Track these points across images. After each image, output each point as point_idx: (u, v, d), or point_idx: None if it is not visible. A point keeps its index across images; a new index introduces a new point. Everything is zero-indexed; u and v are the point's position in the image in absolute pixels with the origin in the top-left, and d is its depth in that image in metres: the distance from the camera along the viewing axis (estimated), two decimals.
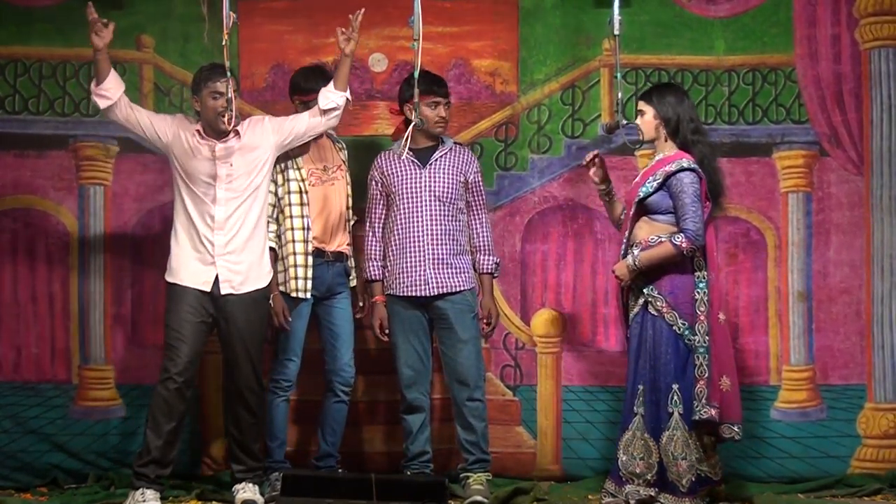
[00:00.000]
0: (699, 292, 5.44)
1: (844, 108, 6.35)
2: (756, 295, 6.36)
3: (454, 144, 5.93)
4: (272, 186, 5.72)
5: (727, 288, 6.24)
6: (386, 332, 5.86)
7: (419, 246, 5.76)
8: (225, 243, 5.52)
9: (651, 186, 5.49)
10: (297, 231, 5.77)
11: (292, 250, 5.75)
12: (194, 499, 5.82)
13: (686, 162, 5.47)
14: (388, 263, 5.85)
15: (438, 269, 5.76)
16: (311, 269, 5.76)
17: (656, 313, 5.47)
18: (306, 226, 5.77)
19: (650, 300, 5.48)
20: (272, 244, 5.73)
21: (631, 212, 5.56)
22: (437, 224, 5.78)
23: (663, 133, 5.57)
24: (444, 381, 5.97)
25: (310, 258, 5.77)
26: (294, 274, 5.75)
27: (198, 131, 5.55)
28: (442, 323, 5.80)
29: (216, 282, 5.52)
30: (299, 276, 5.75)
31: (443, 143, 5.88)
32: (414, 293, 5.76)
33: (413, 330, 5.82)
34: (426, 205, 5.78)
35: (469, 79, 6.40)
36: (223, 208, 5.52)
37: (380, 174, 5.86)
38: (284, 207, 5.77)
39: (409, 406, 5.85)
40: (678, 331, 5.44)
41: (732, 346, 5.65)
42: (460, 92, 6.35)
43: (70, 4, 6.17)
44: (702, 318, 5.42)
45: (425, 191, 5.79)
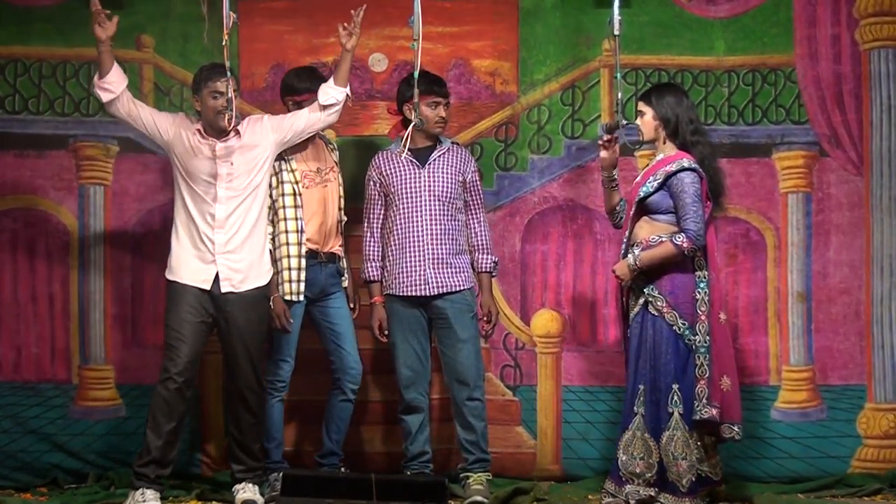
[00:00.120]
0: (700, 292, 5.44)
1: (844, 109, 6.35)
2: (756, 295, 6.36)
3: (452, 144, 5.93)
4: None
5: (727, 288, 6.24)
6: (385, 333, 5.87)
7: (419, 246, 5.76)
8: (225, 242, 5.52)
9: (652, 186, 5.49)
10: (291, 234, 5.76)
11: (286, 253, 5.74)
12: (194, 499, 5.82)
13: (687, 162, 5.47)
14: (386, 263, 5.85)
15: (439, 268, 5.76)
16: (303, 271, 5.76)
17: (656, 313, 5.47)
18: (300, 228, 5.77)
19: (650, 300, 5.48)
20: (269, 245, 5.72)
21: (631, 212, 5.56)
22: (436, 224, 5.78)
23: (663, 134, 5.57)
24: (443, 382, 5.97)
25: (303, 261, 5.76)
26: (288, 277, 5.74)
27: (198, 130, 5.55)
28: (441, 322, 5.80)
29: (216, 280, 5.52)
30: (293, 279, 5.74)
31: (440, 142, 5.88)
32: (414, 293, 5.76)
33: (412, 330, 5.82)
34: (426, 205, 5.78)
35: (469, 79, 6.40)
36: (223, 207, 5.52)
37: (378, 174, 5.86)
38: (278, 210, 5.76)
39: (408, 406, 5.84)
40: (678, 331, 5.44)
41: (733, 347, 5.65)
42: (460, 92, 6.35)
43: (70, 4, 6.19)
44: (702, 317, 5.42)
45: (425, 191, 5.79)
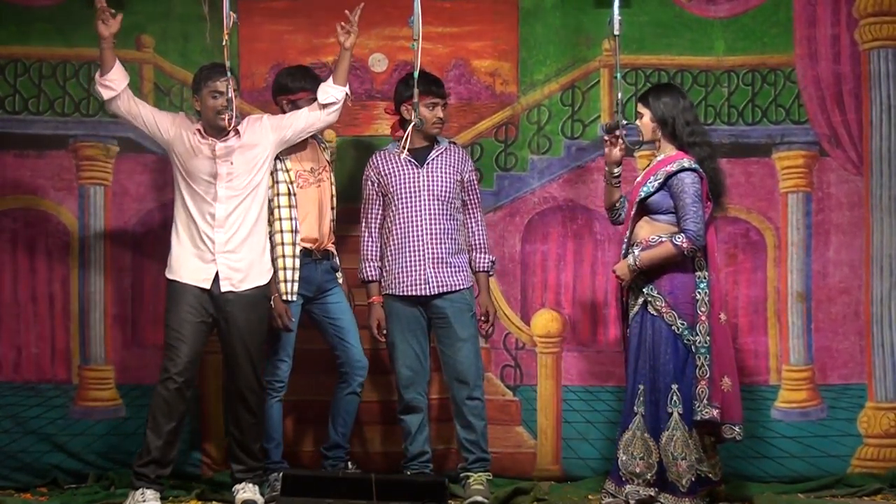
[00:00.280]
0: (700, 292, 5.44)
1: (844, 109, 6.35)
2: (755, 295, 6.36)
3: (449, 144, 5.93)
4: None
5: (727, 288, 6.24)
6: (384, 332, 5.86)
7: (419, 245, 5.76)
8: (225, 241, 5.52)
9: (652, 186, 5.49)
10: (285, 234, 5.75)
11: (281, 252, 5.74)
12: (194, 499, 5.82)
13: (687, 162, 5.47)
14: (385, 263, 5.85)
15: (439, 268, 5.76)
16: (298, 271, 5.76)
17: (655, 313, 5.47)
18: (295, 228, 5.77)
19: (649, 300, 5.48)
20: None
21: (632, 212, 5.56)
22: (436, 223, 5.78)
23: (661, 134, 5.57)
24: (443, 381, 5.97)
25: (297, 260, 5.76)
26: (283, 276, 5.73)
27: (198, 130, 5.55)
28: (440, 322, 5.80)
29: (216, 279, 5.52)
30: (287, 279, 5.74)
31: (438, 142, 5.88)
32: (414, 293, 5.76)
33: (411, 330, 5.82)
34: (425, 204, 5.78)
35: (469, 79, 6.40)
36: (223, 206, 5.51)
37: (376, 174, 5.86)
38: (273, 209, 5.75)
39: (407, 406, 5.84)
40: (677, 331, 5.44)
41: (733, 347, 5.65)
42: (460, 92, 6.35)
43: (70, 4, 6.20)
44: (703, 318, 5.42)
45: (424, 190, 5.79)
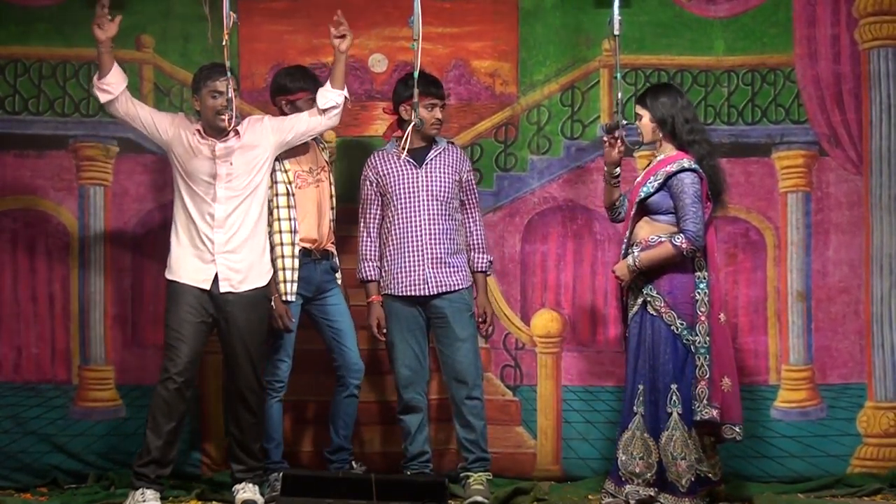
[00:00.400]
0: (700, 293, 5.44)
1: (844, 108, 6.35)
2: (755, 295, 6.36)
3: (447, 144, 5.93)
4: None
5: (727, 288, 6.24)
6: (383, 332, 5.86)
7: (418, 245, 5.76)
8: (225, 241, 5.52)
9: (652, 186, 5.49)
10: (284, 234, 5.75)
11: (280, 253, 5.74)
12: (194, 499, 5.82)
13: (687, 162, 5.47)
14: (384, 263, 5.84)
15: (438, 268, 5.76)
16: (297, 271, 5.76)
17: (655, 313, 5.47)
18: (294, 228, 5.76)
19: (649, 300, 5.48)
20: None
21: (632, 212, 5.56)
22: (435, 223, 5.78)
23: (661, 135, 5.57)
24: (442, 381, 5.97)
25: (296, 261, 5.76)
26: (282, 277, 5.73)
27: (198, 131, 5.55)
28: (439, 322, 5.80)
29: (215, 280, 5.52)
30: (287, 280, 5.74)
31: (436, 143, 5.88)
32: (413, 292, 5.76)
33: (410, 330, 5.81)
34: (424, 204, 5.78)
35: (469, 80, 6.40)
36: (223, 207, 5.51)
37: (374, 174, 5.85)
38: (272, 210, 5.75)
39: (406, 406, 5.83)
40: (676, 331, 5.44)
41: (732, 347, 5.65)
42: (460, 93, 6.36)
43: (70, 4, 6.20)
44: (702, 318, 5.42)
45: (422, 190, 5.79)
